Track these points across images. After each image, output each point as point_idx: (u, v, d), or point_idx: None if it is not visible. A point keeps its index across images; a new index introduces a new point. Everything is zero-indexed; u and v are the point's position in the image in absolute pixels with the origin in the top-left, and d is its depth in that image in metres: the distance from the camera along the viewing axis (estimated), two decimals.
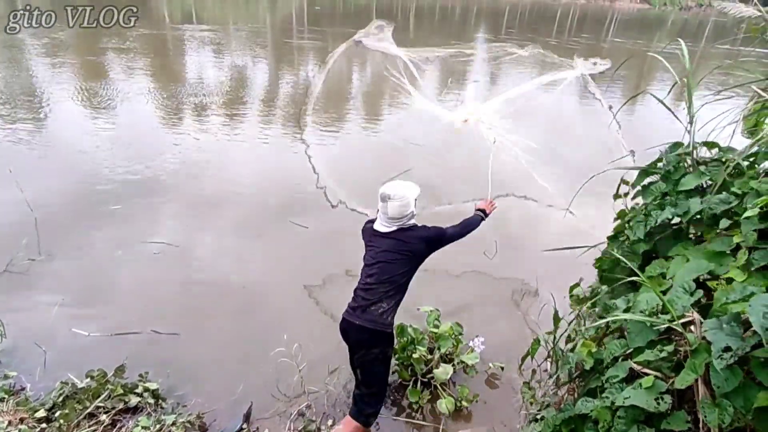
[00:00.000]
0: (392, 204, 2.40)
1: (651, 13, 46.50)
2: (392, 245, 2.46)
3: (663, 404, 1.44)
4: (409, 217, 2.48)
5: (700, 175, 1.91)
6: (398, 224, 2.46)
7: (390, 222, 2.46)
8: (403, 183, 2.50)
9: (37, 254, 4.10)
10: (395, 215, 2.42)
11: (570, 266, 4.04)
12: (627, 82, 13.05)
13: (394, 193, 2.40)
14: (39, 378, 2.92)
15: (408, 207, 2.44)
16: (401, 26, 25.55)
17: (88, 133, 6.94)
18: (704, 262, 1.71)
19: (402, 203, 2.41)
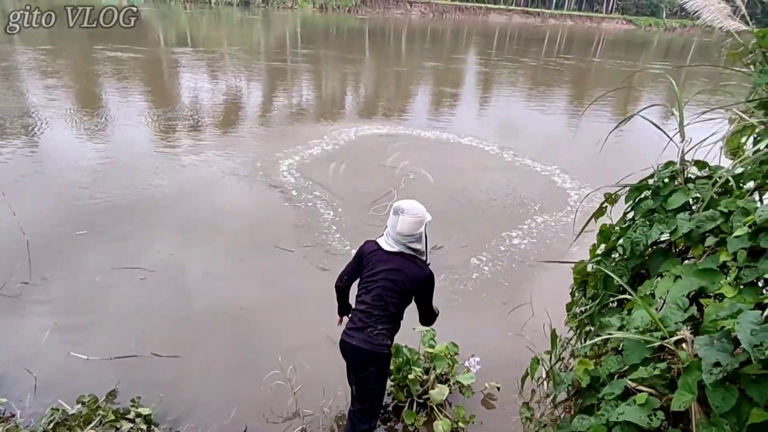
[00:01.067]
0: (404, 218, 2.33)
1: (637, 33, 47.70)
2: (392, 269, 2.40)
3: (656, 420, 1.45)
4: (418, 238, 2.40)
5: (687, 191, 1.95)
6: (406, 243, 2.38)
7: (398, 239, 2.38)
8: (414, 201, 2.43)
9: (29, 277, 4.06)
10: (404, 231, 2.35)
11: (565, 283, 4.09)
12: (615, 104, 13.34)
13: (408, 208, 2.35)
14: (29, 404, 2.86)
15: (420, 225, 2.37)
16: (394, 48, 26.05)
17: (79, 156, 6.95)
18: (695, 279, 1.73)
19: (415, 220, 2.34)
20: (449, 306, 4.06)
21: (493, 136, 9.35)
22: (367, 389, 2.49)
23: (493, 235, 5.34)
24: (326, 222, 5.45)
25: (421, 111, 11.46)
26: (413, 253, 2.43)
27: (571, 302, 2.53)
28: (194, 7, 37.37)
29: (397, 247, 2.40)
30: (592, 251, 2.53)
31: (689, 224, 1.84)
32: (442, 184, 6.78)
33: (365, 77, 16.13)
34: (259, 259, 4.66)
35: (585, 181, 7.09)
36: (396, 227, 2.37)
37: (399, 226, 2.36)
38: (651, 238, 1.96)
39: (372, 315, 2.41)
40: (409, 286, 2.41)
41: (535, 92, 14.87)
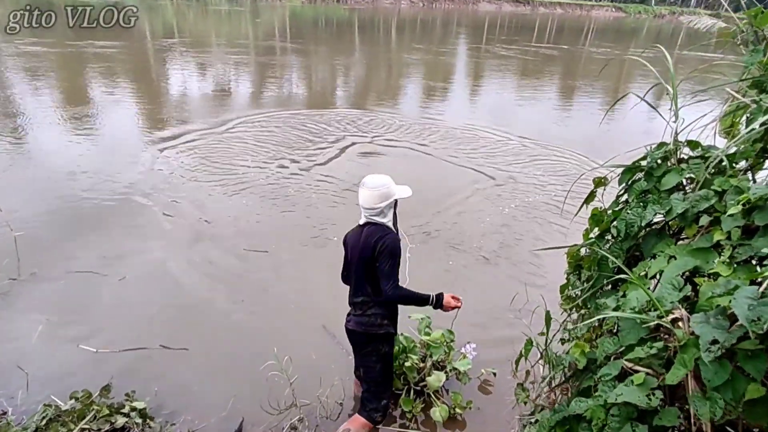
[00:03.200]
0: (362, 191, 2.36)
1: (626, 21, 47.75)
2: (360, 245, 2.42)
3: (654, 400, 1.45)
4: (379, 213, 2.39)
5: (680, 172, 1.95)
6: (368, 216, 2.41)
7: (362, 212, 2.43)
8: (384, 176, 2.43)
9: (17, 274, 4.00)
10: (363, 204, 2.37)
11: (558, 267, 4.10)
12: (606, 88, 13.36)
13: (367, 180, 2.37)
14: (21, 401, 2.82)
15: (380, 199, 2.35)
16: (383, 38, 25.86)
17: (67, 151, 6.85)
18: (690, 258, 1.73)
19: (373, 193, 2.33)
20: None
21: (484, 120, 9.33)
22: (368, 369, 2.60)
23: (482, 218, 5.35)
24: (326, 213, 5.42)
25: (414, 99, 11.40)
26: (379, 221, 2.42)
27: (565, 284, 2.53)
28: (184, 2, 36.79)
29: (364, 220, 2.46)
30: (585, 235, 2.53)
31: (683, 204, 1.84)
32: None
33: (356, 68, 16.01)
34: (256, 249, 4.62)
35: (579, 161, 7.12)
36: (359, 200, 2.41)
37: (360, 199, 2.40)
38: (645, 219, 1.95)
39: (360, 303, 2.52)
40: (368, 254, 2.38)
41: (522, 82, 14.83)
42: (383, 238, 2.36)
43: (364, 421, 2.61)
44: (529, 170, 7.02)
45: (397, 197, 2.46)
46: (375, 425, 2.67)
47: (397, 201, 2.53)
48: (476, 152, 7.71)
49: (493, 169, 7.02)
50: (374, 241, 2.36)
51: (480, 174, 6.80)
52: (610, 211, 2.39)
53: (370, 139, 8.02)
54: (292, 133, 8.13)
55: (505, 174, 6.83)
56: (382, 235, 2.37)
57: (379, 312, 2.49)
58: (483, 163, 7.21)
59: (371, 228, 2.43)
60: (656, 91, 11.37)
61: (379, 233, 2.38)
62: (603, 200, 2.46)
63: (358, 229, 2.51)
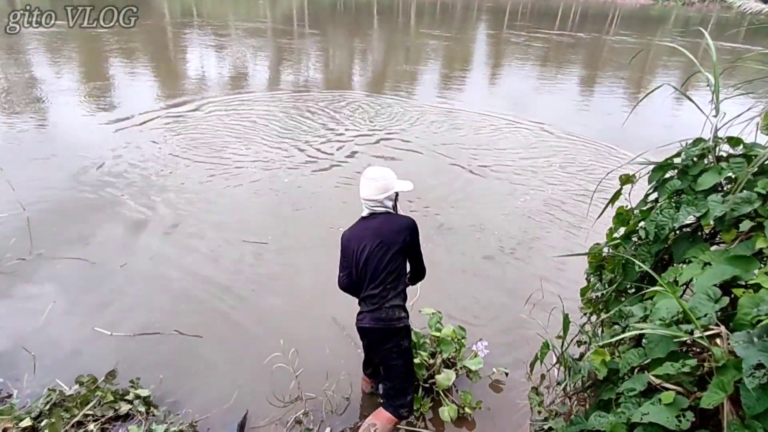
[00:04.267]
0: (363, 181, 2.35)
1: (654, 8, 46.29)
2: (373, 235, 2.37)
3: (685, 422, 1.33)
4: (380, 204, 2.37)
5: (720, 171, 1.79)
6: (376, 206, 2.38)
7: (365, 204, 2.39)
8: (386, 169, 2.42)
9: (28, 254, 3.99)
10: (364, 195, 2.35)
11: (577, 269, 3.96)
12: (629, 79, 12.92)
13: (368, 171, 2.37)
14: (27, 384, 2.81)
15: (381, 191, 2.34)
16: (402, 23, 25.44)
17: (81, 132, 6.84)
18: (728, 267, 1.59)
19: (375, 185, 2.33)
20: (457, 283, 3.96)
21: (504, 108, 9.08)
22: (391, 366, 2.50)
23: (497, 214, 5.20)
24: None
25: None
26: (387, 210, 2.41)
27: (586, 287, 2.40)
28: None
29: (370, 211, 2.41)
30: (609, 234, 2.39)
31: (722, 207, 1.69)
32: None
33: (373, 53, 15.75)
34: (262, 241, 4.55)
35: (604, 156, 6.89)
36: (361, 192, 2.38)
37: (361, 191, 2.37)
38: (678, 222, 1.81)
39: (377, 296, 2.40)
40: (397, 242, 2.35)
41: (542, 71, 14.42)
42: (406, 222, 2.38)
43: (389, 416, 2.52)
44: (548, 162, 6.81)
45: (398, 190, 2.44)
46: (401, 420, 2.61)
47: (398, 194, 2.50)
48: (489, 140, 7.51)
49: (509, 160, 6.83)
50: (401, 226, 2.36)
51: (499, 167, 6.61)
52: (637, 211, 2.25)
53: (381, 136, 7.87)
54: (304, 119, 8.01)
55: (524, 164, 6.63)
56: (403, 219, 2.40)
57: (397, 304, 2.40)
58: (499, 155, 7.02)
59: (384, 217, 2.39)
60: (680, 83, 10.96)
61: (399, 219, 2.40)
62: (630, 199, 2.32)
63: (362, 222, 2.45)
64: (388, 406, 2.55)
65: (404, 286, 2.48)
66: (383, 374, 2.59)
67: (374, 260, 2.36)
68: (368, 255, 2.37)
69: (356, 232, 2.43)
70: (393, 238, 2.34)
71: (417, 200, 5.32)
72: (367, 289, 2.43)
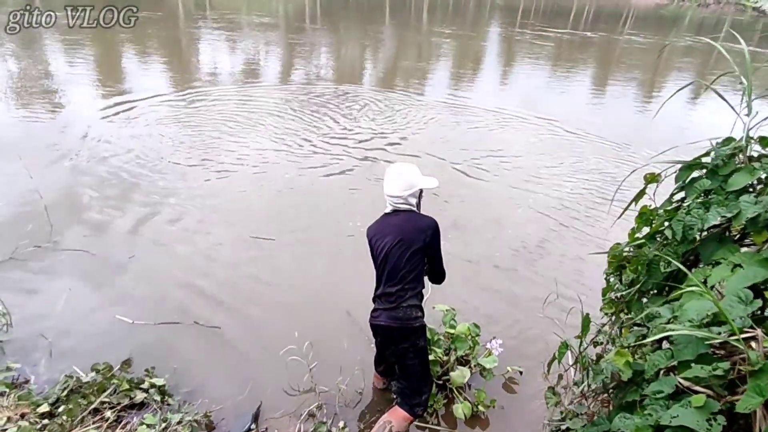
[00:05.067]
0: (388, 179, 2.33)
1: (669, 9, 45.75)
2: (394, 233, 2.34)
3: (716, 426, 1.30)
4: (404, 201, 2.35)
5: (752, 171, 1.75)
6: (400, 203, 2.35)
7: (393, 200, 2.36)
8: (411, 165, 2.41)
9: (45, 242, 4.02)
10: (394, 192, 2.32)
11: (593, 275, 3.94)
12: (641, 80, 12.78)
13: (394, 170, 2.35)
14: (44, 370, 2.84)
15: (406, 187, 2.32)
16: (414, 19, 25.33)
17: (98, 124, 6.88)
18: (760, 269, 1.55)
19: (399, 181, 2.31)
20: (469, 284, 3.94)
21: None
22: (406, 365, 2.49)
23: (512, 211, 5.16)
24: None
25: None
26: (411, 208, 2.39)
27: (607, 287, 2.36)
28: None
29: (394, 207, 2.38)
30: (631, 234, 2.36)
31: (756, 208, 1.65)
32: None
33: (384, 49, 15.70)
34: (271, 237, 4.55)
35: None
36: (386, 189, 2.35)
37: (385, 187, 2.35)
38: (707, 222, 1.77)
39: (394, 294, 2.38)
40: (418, 241, 2.33)
41: (555, 70, 14.30)
42: (428, 222, 2.36)
43: (405, 414, 2.52)
44: (565, 162, 6.75)
45: (422, 187, 2.41)
46: (416, 419, 2.61)
47: (422, 191, 2.47)
48: (507, 140, 7.46)
49: (520, 159, 6.78)
50: (422, 225, 2.34)
51: (509, 167, 6.56)
52: (661, 211, 2.21)
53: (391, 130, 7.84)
54: (318, 114, 8.00)
55: (535, 164, 6.58)
56: (426, 219, 2.37)
57: (414, 303, 2.39)
58: (520, 152, 6.97)
59: (406, 215, 2.37)
60: (695, 86, 10.83)
61: (422, 218, 2.37)
62: (654, 198, 2.28)
63: (385, 218, 2.43)
64: (403, 405, 2.54)
65: (422, 287, 2.46)
66: (399, 373, 2.58)
67: (393, 258, 2.34)
68: (388, 252, 2.35)
69: (378, 228, 2.42)
70: (414, 236, 2.32)
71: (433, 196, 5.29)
72: (385, 287, 2.41)
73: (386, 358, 2.74)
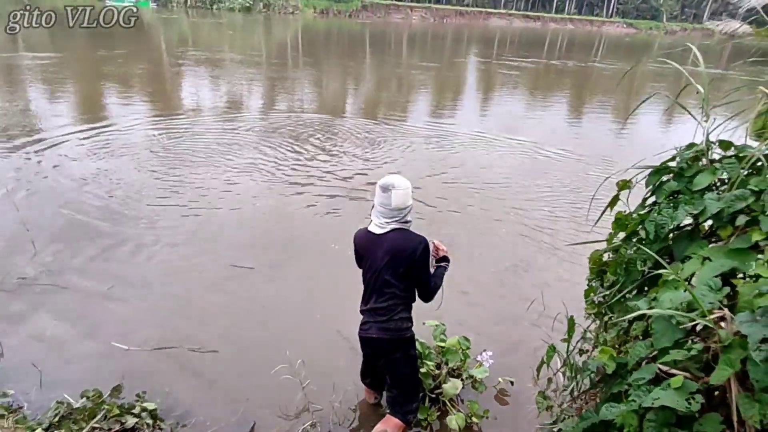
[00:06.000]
0: (396, 193, 2.27)
1: (638, 36, 47.75)
2: (388, 251, 2.34)
3: (695, 404, 1.38)
4: (408, 212, 2.36)
5: (714, 171, 1.89)
6: (399, 218, 2.33)
7: (392, 215, 2.32)
8: (404, 178, 2.39)
9: (31, 273, 4.00)
10: (399, 205, 2.29)
11: (576, 277, 4.03)
12: (617, 102, 13.30)
13: (398, 182, 2.29)
14: (35, 398, 2.79)
15: (409, 198, 2.33)
16: (395, 51, 26.09)
17: (81, 159, 6.91)
18: (727, 260, 1.66)
19: (405, 193, 2.30)
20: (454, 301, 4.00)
21: None
22: (398, 374, 2.53)
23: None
24: None
25: None
26: (403, 226, 2.38)
27: (589, 289, 2.46)
28: (197, 13, 37.41)
29: (390, 226, 2.34)
30: (609, 239, 2.47)
31: (718, 204, 1.78)
32: None
33: (370, 78, 16.11)
34: (270, 254, 4.58)
35: None
36: (390, 204, 2.29)
37: (393, 202, 2.29)
38: (677, 220, 1.89)
39: (385, 309, 2.42)
40: (404, 258, 2.33)
41: (533, 97, 14.82)
42: (419, 239, 2.35)
43: (398, 422, 2.55)
44: (546, 181, 6.95)
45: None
46: (409, 426, 2.63)
47: None
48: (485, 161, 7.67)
49: (500, 182, 6.96)
50: (413, 243, 2.33)
51: (501, 186, 6.74)
52: (635, 215, 2.33)
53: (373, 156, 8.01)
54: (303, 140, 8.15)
55: (521, 185, 6.77)
56: (417, 236, 2.36)
57: (406, 315, 2.45)
58: (501, 173, 7.16)
59: (397, 233, 2.35)
60: (665, 106, 11.28)
61: (412, 238, 2.35)
62: (628, 204, 2.41)
63: (375, 236, 2.37)
64: (396, 413, 2.57)
65: (413, 300, 2.50)
66: (390, 382, 2.61)
67: (384, 275, 2.36)
68: (379, 269, 2.37)
69: (369, 242, 2.40)
70: (405, 255, 2.33)
71: None
72: (376, 302, 2.43)
73: (377, 370, 2.73)
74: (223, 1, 39.52)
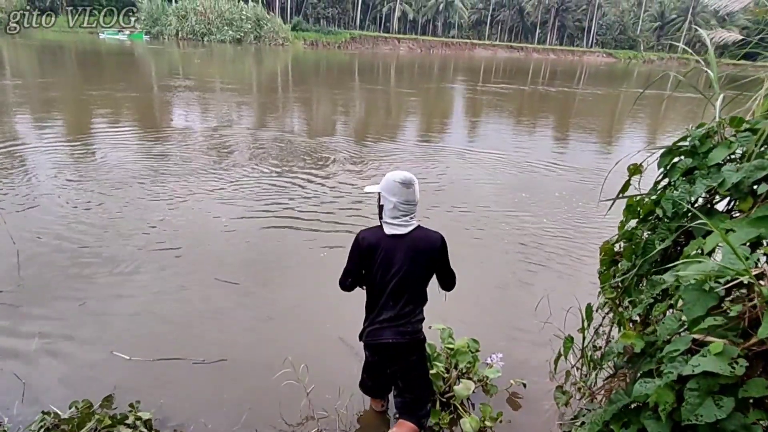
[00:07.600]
0: (417, 186, 2.27)
1: (617, 66, 49.44)
2: (408, 252, 2.25)
3: (739, 368, 1.30)
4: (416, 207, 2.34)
5: (729, 145, 1.87)
6: (414, 215, 2.30)
7: (410, 210, 2.26)
8: None
9: (15, 285, 3.83)
10: (416, 199, 2.27)
11: (580, 277, 3.98)
12: (600, 129, 13.58)
13: (410, 177, 2.24)
14: (18, 411, 2.60)
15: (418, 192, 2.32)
16: (382, 79, 26.60)
17: (61, 183, 6.81)
18: (751, 229, 1.62)
19: (417, 186, 2.28)
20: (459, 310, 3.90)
21: None
22: (412, 377, 2.44)
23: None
24: None
25: None
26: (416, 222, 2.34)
27: (606, 275, 2.40)
28: (188, 44, 37.88)
29: (413, 223, 2.29)
30: (621, 227, 2.43)
31: (738, 174, 1.74)
32: None
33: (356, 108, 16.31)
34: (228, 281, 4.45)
35: None
36: (416, 198, 2.27)
37: (417, 195, 2.28)
38: (695, 194, 1.86)
39: (401, 314, 2.32)
40: (429, 257, 2.30)
41: (518, 123, 15.13)
42: (439, 236, 2.33)
43: (413, 426, 2.44)
44: (543, 193, 6.98)
45: None
46: (422, 430, 2.51)
47: None
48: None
49: (492, 201, 6.98)
50: (435, 239, 2.31)
51: (496, 200, 6.74)
52: (647, 200, 2.30)
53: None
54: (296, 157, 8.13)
55: (518, 198, 6.77)
56: (435, 234, 2.33)
57: (422, 317, 2.41)
58: (498, 187, 7.18)
59: (416, 232, 2.29)
60: (649, 127, 11.51)
61: (431, 233, 2.33)
62: (639, 188, 2.38)
63: (398, 237, 2.25)
64: (411, 417, 2.46)
65: (425, 301, 2.45)
66: (403, 386, 2.48)
67: (410, 279, 2.27)
68: (405, 271, 2.25)
69: (387, 246, 2.27)
70: (434, 249, 2.29)
71: None
72: (395, 309, 2.31)
73: (384, 377, 2.58)
74: (214, 33, 40.12)
